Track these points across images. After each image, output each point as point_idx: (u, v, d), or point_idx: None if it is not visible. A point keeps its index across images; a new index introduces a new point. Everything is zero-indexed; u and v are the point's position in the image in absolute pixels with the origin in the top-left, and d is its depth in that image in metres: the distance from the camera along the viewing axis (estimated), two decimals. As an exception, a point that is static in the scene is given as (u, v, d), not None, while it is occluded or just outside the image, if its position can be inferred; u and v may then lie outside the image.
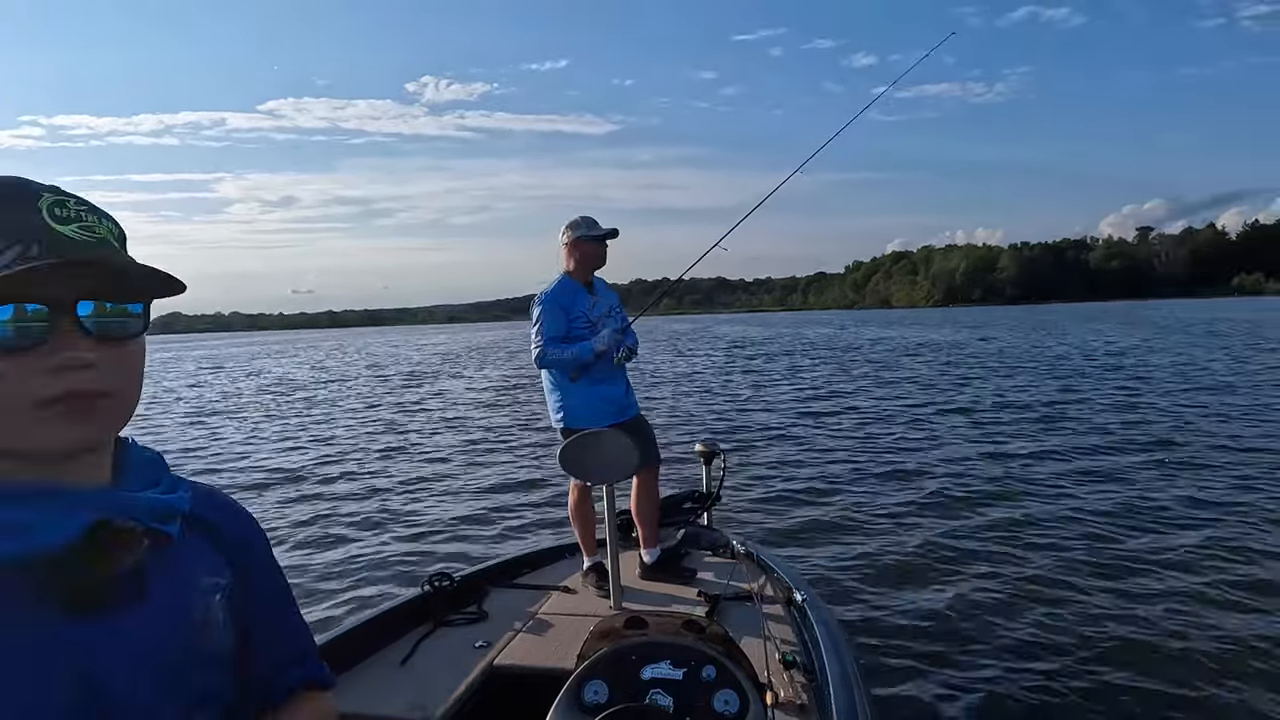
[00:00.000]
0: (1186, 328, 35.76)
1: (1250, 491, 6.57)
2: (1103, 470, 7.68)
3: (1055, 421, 10.68)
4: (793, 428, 11.09)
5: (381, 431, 12.22)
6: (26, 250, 0.59)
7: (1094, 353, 22.98)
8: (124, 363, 0.65)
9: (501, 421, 12.71)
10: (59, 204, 0.62)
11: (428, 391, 19.06)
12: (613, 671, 1.58)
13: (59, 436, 0.61)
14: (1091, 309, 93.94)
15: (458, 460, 9.39)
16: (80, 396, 0.61)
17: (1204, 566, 4.86)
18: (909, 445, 9.44)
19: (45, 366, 0.59)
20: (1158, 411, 11.19)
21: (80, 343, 0.61)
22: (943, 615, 4.26)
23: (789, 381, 18.07)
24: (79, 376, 0.61)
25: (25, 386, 0.59)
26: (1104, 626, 4.06)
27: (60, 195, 0.63)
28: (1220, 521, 5.76)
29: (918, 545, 5.50)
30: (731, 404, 14.16)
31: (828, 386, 16.61)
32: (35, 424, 0.60)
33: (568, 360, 3.35)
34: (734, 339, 44.57)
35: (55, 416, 0.60)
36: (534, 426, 11.67)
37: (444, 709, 2.17)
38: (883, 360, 23.50)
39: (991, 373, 18.13)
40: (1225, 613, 4.17)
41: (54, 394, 0.60)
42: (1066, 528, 5.81)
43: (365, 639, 2.52)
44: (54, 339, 0.60)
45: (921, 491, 7.09)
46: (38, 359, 0.59)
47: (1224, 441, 8.75)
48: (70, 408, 0.61)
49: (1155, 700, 3.36)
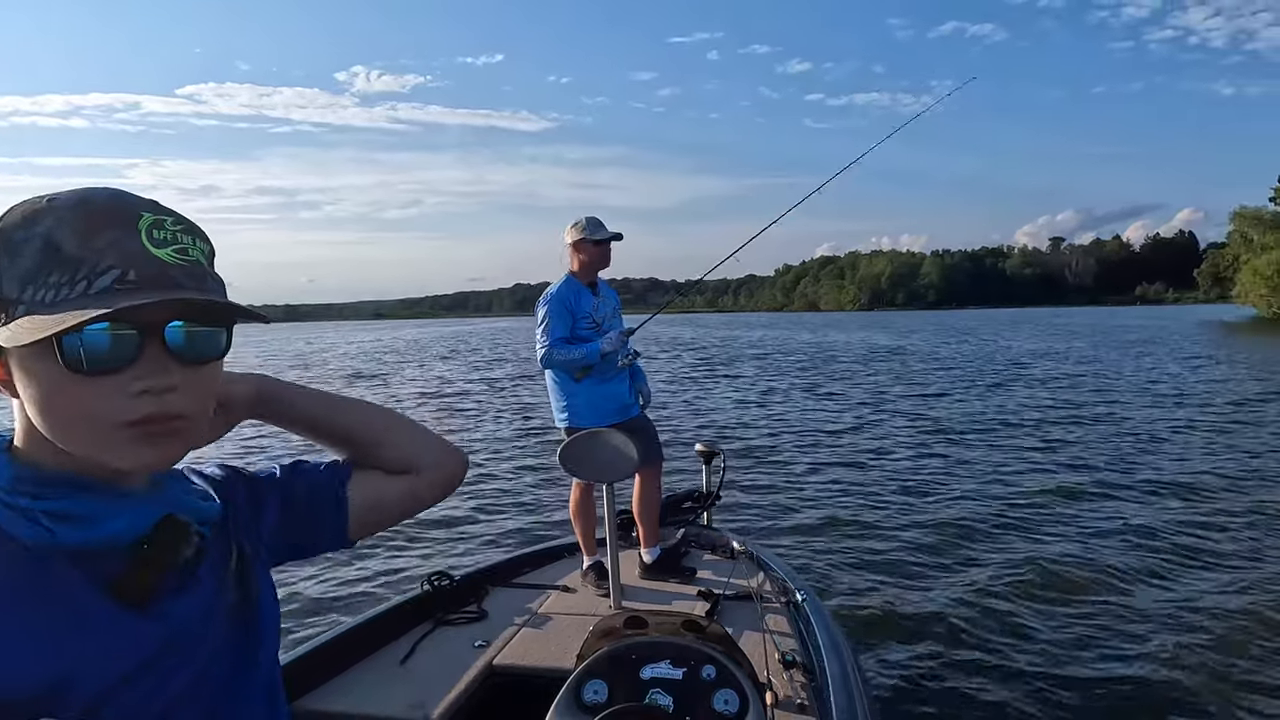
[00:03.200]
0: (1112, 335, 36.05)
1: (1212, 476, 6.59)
2: (1105, 472, 7.70)
3: (1043, 426, 10.68)
4: (793, 428, 11.09)
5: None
6: (124, 274, 0.60)
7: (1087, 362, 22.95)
8: (202, 385, 0.66)
9: (502, 421, 12.70)
10: (157, 225, 0.63)
11: (426, 388, 19.07)
12: (612, 671, 1.57)
13: (136, 458, 0.63)
14: (1015, 314, 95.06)
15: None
16: (164, 419, 0.62)
17: (1202, 566, 4.87)
18: (909, 445, 9.45)
19: (131, 388, 0.61)
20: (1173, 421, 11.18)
21: (167, 365, 0.62)
22: (943, 615, 4.26)
23: (785, 383, 18.08)
24: (162, 400, 0.62)
25: (110, 406, 0.61)
26: (1104, 626, 4.07)
27: (158, 214, 0.64)
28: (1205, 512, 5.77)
29: (918, 545, 5.50)
30: (732, 404, 14.16)
31: (825, 387, 16.61)
32: (115, 443, 0.62)
33: (575, 360, 3.35)
34: (687, 341, 42.45)
35: (135, 437, 0.62)
36: (534, 425, 11.67)
37: (443, 708, 2.17)
38: (866, 362, 23.48)
39: (990, 375, 18.13)
40: (1225, 613, 4.18)
41: (141, 415, 0.61)
42: (1067, 528, 5.82)
43: (365, 638, 2.51)
44: (142, 360, 0.61)
45: (921, 491, 7.10)
46: (125, 380, 0.61)
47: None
48: (150, 431, 0.62)
49: (1155, 699, 3.36)
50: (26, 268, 0.60)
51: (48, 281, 0.59)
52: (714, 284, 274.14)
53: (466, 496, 7.47)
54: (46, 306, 0.59)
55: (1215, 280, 63.76)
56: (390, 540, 6.01)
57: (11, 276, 0.60)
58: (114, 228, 0.61)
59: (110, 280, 0.59)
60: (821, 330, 51.03)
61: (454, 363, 28.80)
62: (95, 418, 0.61)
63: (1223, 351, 24.06)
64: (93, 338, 0.59)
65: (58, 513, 0.63)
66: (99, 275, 0.59)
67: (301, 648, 2.31)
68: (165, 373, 0.62)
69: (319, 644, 2.37)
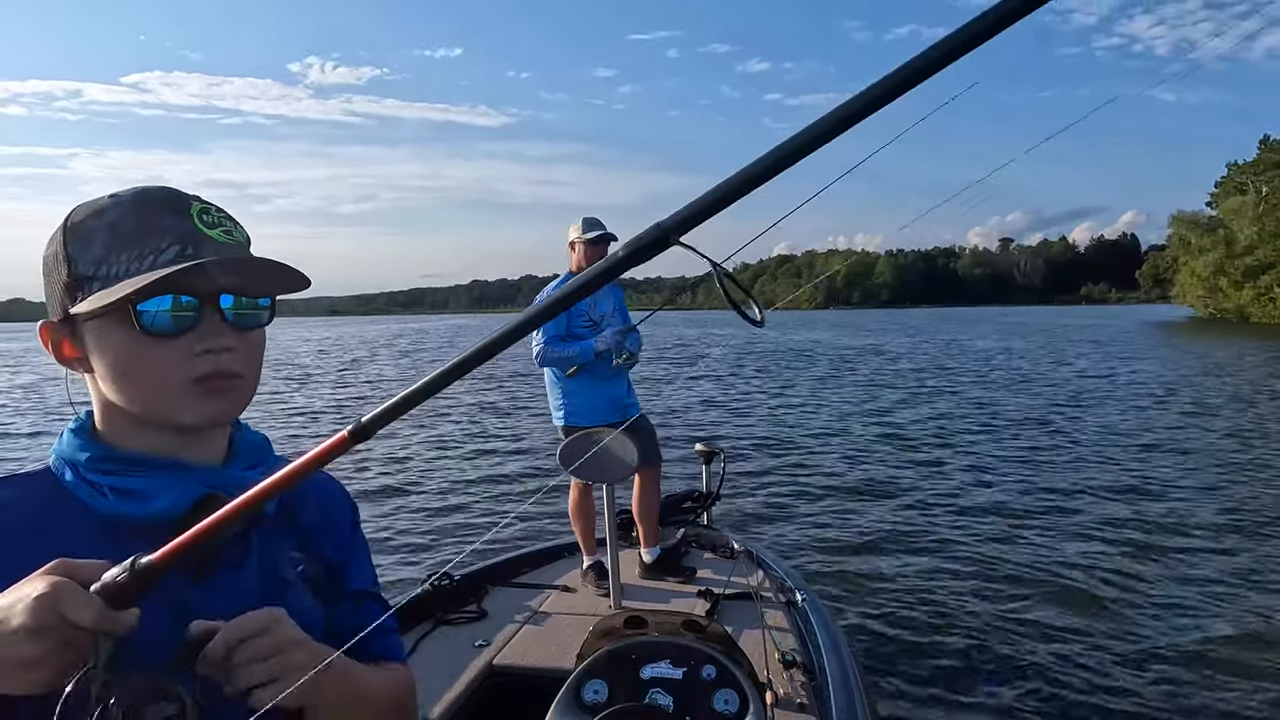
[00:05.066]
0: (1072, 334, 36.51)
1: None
2: (1109, 473, 7.70)
3: (1040, 426, 10.68)
4: (792, 429, 11.09)
5: (388, 431, 12.20)
6: (184, 250, 0.70)
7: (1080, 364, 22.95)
8: (253, 349, 0.76)
9: (502, 420, 12.70)
10: (204, 211, 0.73)
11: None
12: (612, 671, 1.57)
13: (203, 410, 0.72)
14: (969, 313, 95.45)
15: (458, 459, 9.38)
16: (222, 376, 0.72)
17: (1197, 564, 4.87)
18: (909, 446, 9.44)
19: (195, 350, 0.71)
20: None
21: (222, 329, 0.72)
22: (943, 615, 4.26)
23: (781, 383, 18.07)
24: (222, 359, 0.72)
25: (180, 366, 0.70)
26: (1105, 626, 4.07)
27: (204, 204, 0.74)
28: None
29: (918, 545, 5.50)
30: (731, 404, 14.16)
31: (823, 388, 16.61)
32: (186, 399, 0.71)
33: (568, 358, 3.35)
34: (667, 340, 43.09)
35: (202, 393, 0.71)
36: (534, 425, 11.67)
37: (443, 708, 2.17)
38: (857, 363, 23.48)
39: (985, 377, 18.12)
40: (1223, 610, 4.18)
41: (203, 372, 0.71)
42: (1068, 529, 5.82)
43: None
44: (200, 326, 0.71)
45: (922, 491, 7.10)
46: (188, 343, 0.70)
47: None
48: (213, 386, 0.72)
49: (1153, 698, 3.37)
50: (98, 252, 0.70)
51: (118, 260, 0.69)
52: (672, 281, 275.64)
53: (467, 496, 7.48)
54: (119, 279, 0.69)
55: (1156, 281, 65.91)
56: (390, 540, 6.01)
57: (86, 260, 0.70)
58: (171, 214, 0.71)
59: (173, 255, 0.69)
60: (791, 329, 50.74)
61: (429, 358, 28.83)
62: (166, 376, 0.70)
63: (1173, 352, 24.50)
64: (161, 305, 0.69)
65: (121, 488, 0.71)
66: (163, 251, 0.69)
67: None
68: (221, 335, 0.71)
69: None
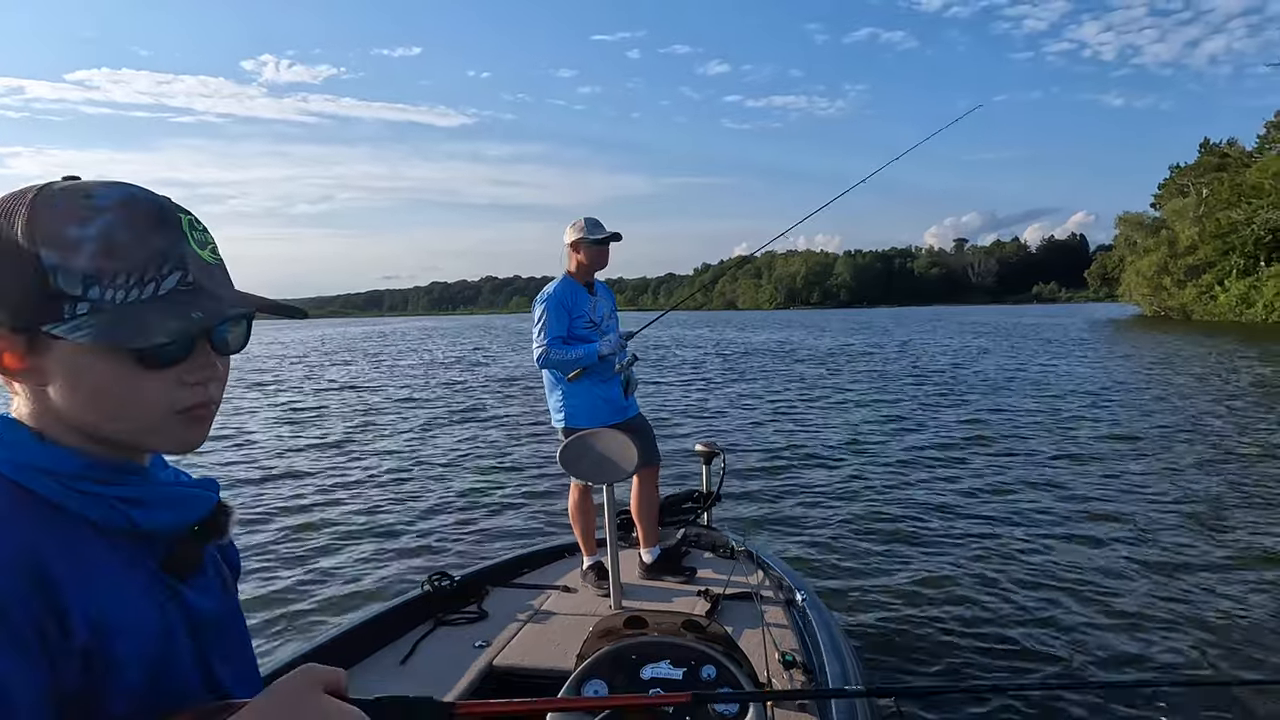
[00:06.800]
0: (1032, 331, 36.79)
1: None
2: (1110, 474, 7.70)
3: (1036, 426, 10.68)
4: (792, 429, 11.09)
5: (388, 432, 12.22)
6: (184, 276, 0.66)
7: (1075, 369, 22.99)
8: (226, 374, 0.74)
9: (502, 421, 12.70)
10: (192, 226, 0.69)
11: (428, 392, 19.07)
12: (612, 671, 1.58)
13: (184, 438, 0.70)
14: (928, 313, 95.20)
15: (458, 459, 9.39)
16: (205, 405, 0.70)
17: (1195, 564, 4.88)
18: (909, 446, 9.44)
19: (185, 380, 0.68)
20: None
21: (211, 358, 0.70)
22: (943, 615, 4.26)
23: (780, 383, 18.07)
24: (210, 388, 0.70)
25: (168, 395, 0.67)
26: (1106, 626, 4.07)
27: (191, 216, 0.70)
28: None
29: (918, 545, 5.50)
30: (731, 405, 14.16)
31: (820, 388, 16.61)
32: (166, 427, 0.68)
33: (572, 361, 3.34)
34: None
35: (184, 421, 0.69)
36: (534, 425, 11.67)
37: None
38: (858, 361, 23.49)
39: (982, 379, 18.14)
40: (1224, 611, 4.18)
41: (190, 403, 0.68)
42: (1068, 529, 5.82)
43: (365, 638, 2.52)
44: (193, 357, 0.68)
45: (922, 491, 7.10)
46: (178, 373, 0.67)
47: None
48: (196, 415, 0.69)
49: (1153, 696, 3.36)
50: (84, 267, 0.63)
51: (115, 283, 0.63)
52: (633, 282, 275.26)
53: (467, 496, 7.48)
54: (119, 306, 0.63)
55: (1103, 280, 66.38)
56: (390, 540, 6.02)
57: (70, 275, 0.62)
58: (164, 230, 0.67)
59: (175, 282, 0.66)
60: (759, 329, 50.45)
61: (421, 362, 28.87)
62: (151, 403, 0.67)
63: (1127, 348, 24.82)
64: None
65: (131, 498, 0.69)
66: (165, 277, 0.65)
67: (302, 648, 2.31)
68: (212, 365, 0.70)
69: (319, 644, 2.38)
